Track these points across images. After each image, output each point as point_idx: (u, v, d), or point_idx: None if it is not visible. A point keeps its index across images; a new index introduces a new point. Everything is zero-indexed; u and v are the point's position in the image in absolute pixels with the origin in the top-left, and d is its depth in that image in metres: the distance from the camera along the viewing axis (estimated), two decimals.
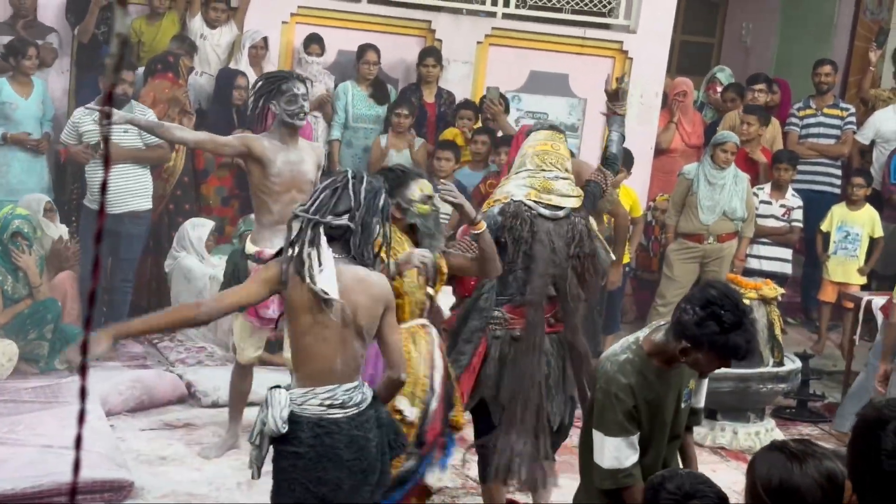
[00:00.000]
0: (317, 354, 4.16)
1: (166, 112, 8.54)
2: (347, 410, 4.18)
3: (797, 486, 2.77)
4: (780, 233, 9.28)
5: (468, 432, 7.36)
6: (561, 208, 5.51)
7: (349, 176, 4.27)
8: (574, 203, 5.48)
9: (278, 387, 4.23)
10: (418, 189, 4.96)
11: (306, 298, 4.12)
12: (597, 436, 4.23)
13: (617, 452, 4.18)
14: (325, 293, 4.07)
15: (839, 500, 2.75)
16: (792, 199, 9.26)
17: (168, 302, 8.60)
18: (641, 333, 4.28)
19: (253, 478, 4.37)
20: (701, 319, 3.93)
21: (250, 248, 6.42)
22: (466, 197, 8.53)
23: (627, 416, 4.16)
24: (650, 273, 9.77)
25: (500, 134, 9.02)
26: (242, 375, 6.61)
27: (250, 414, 6.43)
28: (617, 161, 6.00)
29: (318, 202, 4.21)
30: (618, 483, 4.21)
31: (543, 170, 5.54)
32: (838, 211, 9.53)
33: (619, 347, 4.29)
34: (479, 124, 9.27)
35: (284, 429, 4.13)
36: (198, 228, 8.46)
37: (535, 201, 5.50)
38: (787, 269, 9.32)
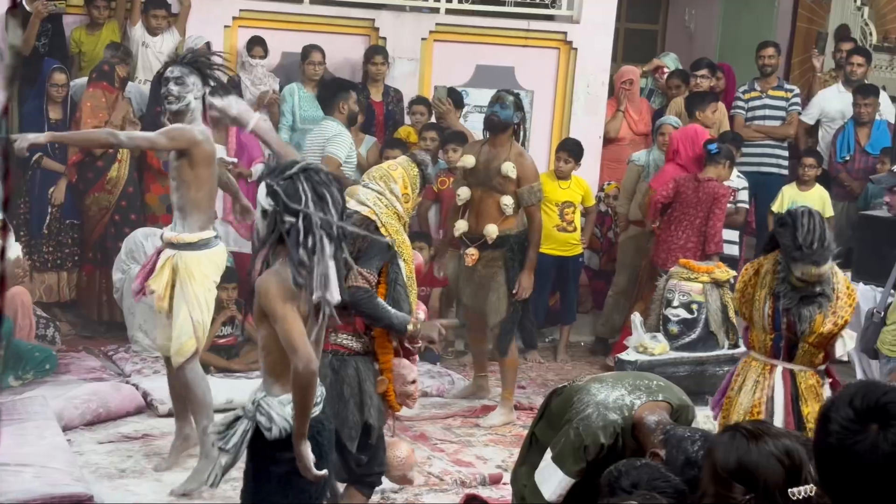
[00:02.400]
0: None
1: (107, 121, 8.49)
2: (322, 405, 4.24)
3: (756, 463, 2.80)
4: (726, 215, 9.30)
5: (429, 430, 7.41)
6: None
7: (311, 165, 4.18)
8: (366, 212, 5.21)
9: (264, 396, 4.18)
10: None
11: (305, 308, 4.09)
12: (551, 465, 4.23)
13: (562, 490, 4.20)
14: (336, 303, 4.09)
15: (798, 475, 2.78)
16: (737, 180, 9.27)
17: (119, 315, 8.55)
18: (639, 400, 4.20)
19: (212, 486, 4.34)
20: (690, 461, 3.76)
21: None
22: None
23: (585, 466, 4.16)
24: (611, 263, 9.78)
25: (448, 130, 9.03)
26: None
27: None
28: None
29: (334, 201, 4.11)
30: None
31: (363, 180, 5.45)
32: (789, 191, 9.59)
33: (613, 402, 4.20)
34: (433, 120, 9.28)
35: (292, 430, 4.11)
36: (150, 238, 8.39)
37: None
38: (735, 251, 9.30)
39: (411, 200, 5.33)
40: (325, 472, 4.17)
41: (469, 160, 7.58)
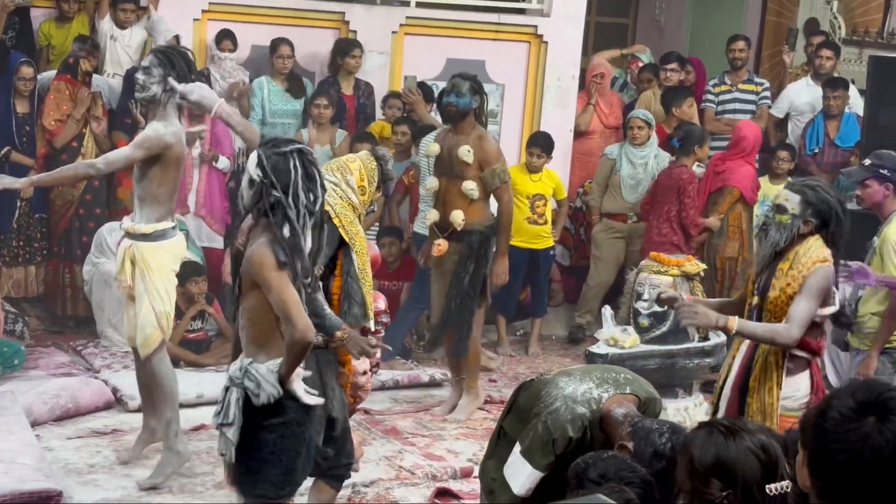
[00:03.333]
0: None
1: (69, 114, 8.44)
2: (309, 371, 4.39)
3: (734, 458, 2.81)
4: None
5: (400, 424, 7.40)
6: None
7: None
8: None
9: (251, 363, 4.28)
10: None
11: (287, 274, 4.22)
12: (520, 459, 4.23)
13: (531, 483, 4.20)
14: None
15: (774, 470, 2.80)
16: (699, 170, 9.31)
17: (87, 309, 8.50)
18: (606, 393, 4.20)
19: (229, 461, 4.40)
20: (658, 453, 3.79)
21: None
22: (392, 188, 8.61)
23: (553, 460, 4.16)
24: (583, 259, 9.80)
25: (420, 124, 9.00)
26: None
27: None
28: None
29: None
30: None
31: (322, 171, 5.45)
32: (762, 184, 9.64)
33: (581, 395, 4.19)
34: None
35: (281, 391, 4.20)
36: (114, 233, 8.35)
37: None
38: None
39: (367, 193, 5.31)
40: (322, 399, 4.41)
41: (434, 148, 7.52)
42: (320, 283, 5.05)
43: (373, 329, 5.35)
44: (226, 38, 9.22)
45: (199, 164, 8.79)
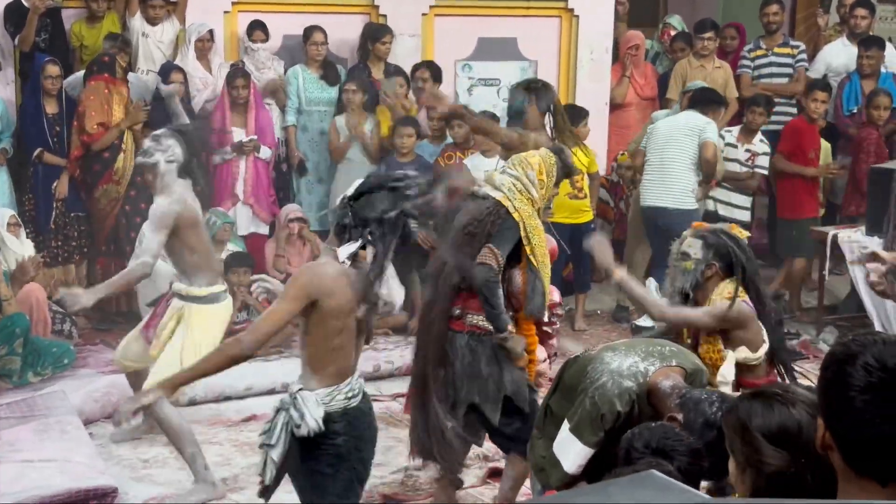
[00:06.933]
0: (343, 354, 4.32)
1: (112, 113, 8.45)
2: (361, 397, 4.42)
3: (798, 424, 2.69)
4: (740, 178, 9.19)
5: None
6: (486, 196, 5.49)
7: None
8: (499, 197, 5.35)
9: (300, 390, 4.32)
10: None
11: (347, 304, 4.28)
12: (569, 436, 4.22)
13: (581, 461, 4.19)
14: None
15: None
16: (759, 144, 9.12)
17: (136, 303, 8.54)
18: (653, 366, 4.15)
19: (265, 482, 4.41)
20: (708, 422, 3.74)
21: None
22: (428, 169, 8.58)
23: (603, 436, 4.13)
24: (624, 234, 9.74)
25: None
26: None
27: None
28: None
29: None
30: (563, 483, 4.27)
31: (505, 166, 5.59)
32: None
33: (627, 369, 4.15)
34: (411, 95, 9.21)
35: (322, 427, 4.24)
36: None
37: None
38: (746, 216, 9.13)
39: (546, 187, 5.46)
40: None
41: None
42: (498, 281, 5.22)
43: (547, 321, 5.55)
44: (257, 29, 9.23)
45: (245, 155, 8.85)
